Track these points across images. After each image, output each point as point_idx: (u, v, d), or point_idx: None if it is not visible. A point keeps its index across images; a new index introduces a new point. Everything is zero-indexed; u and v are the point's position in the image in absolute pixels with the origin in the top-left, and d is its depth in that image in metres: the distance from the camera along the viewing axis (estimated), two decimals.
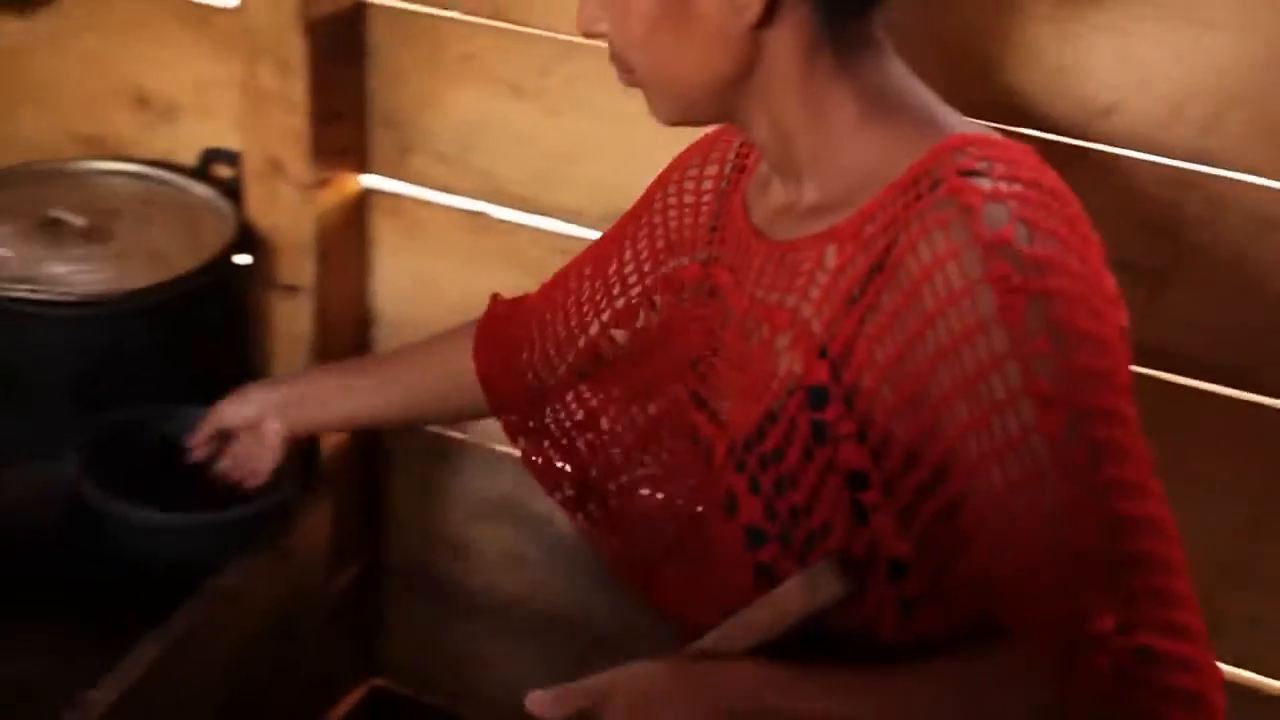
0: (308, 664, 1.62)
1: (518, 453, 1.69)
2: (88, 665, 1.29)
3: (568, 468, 1.29)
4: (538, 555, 1.74)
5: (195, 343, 1.57)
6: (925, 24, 1.31)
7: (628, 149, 1.45)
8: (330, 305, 1.65)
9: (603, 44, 1.01)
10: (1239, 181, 1.27)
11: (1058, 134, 1.30)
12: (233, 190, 1.64)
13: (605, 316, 1.22)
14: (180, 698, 1.36)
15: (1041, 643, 0.90)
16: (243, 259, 1.62)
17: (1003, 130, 1.28)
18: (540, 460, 1.31)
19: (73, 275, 1.50)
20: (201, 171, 1.68)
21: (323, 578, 1.65)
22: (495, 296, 1.35)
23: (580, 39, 1.42)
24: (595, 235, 1.54)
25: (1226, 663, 1.30)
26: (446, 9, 1.51)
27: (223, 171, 1.67)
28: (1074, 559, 0.88)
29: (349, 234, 1.65)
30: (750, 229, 1.06)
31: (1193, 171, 1.29)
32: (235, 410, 1.40)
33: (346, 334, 1.70)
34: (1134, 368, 0.95)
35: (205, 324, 1.58)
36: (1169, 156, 1.29)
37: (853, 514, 0.97)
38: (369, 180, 1.64)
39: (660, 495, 1.23)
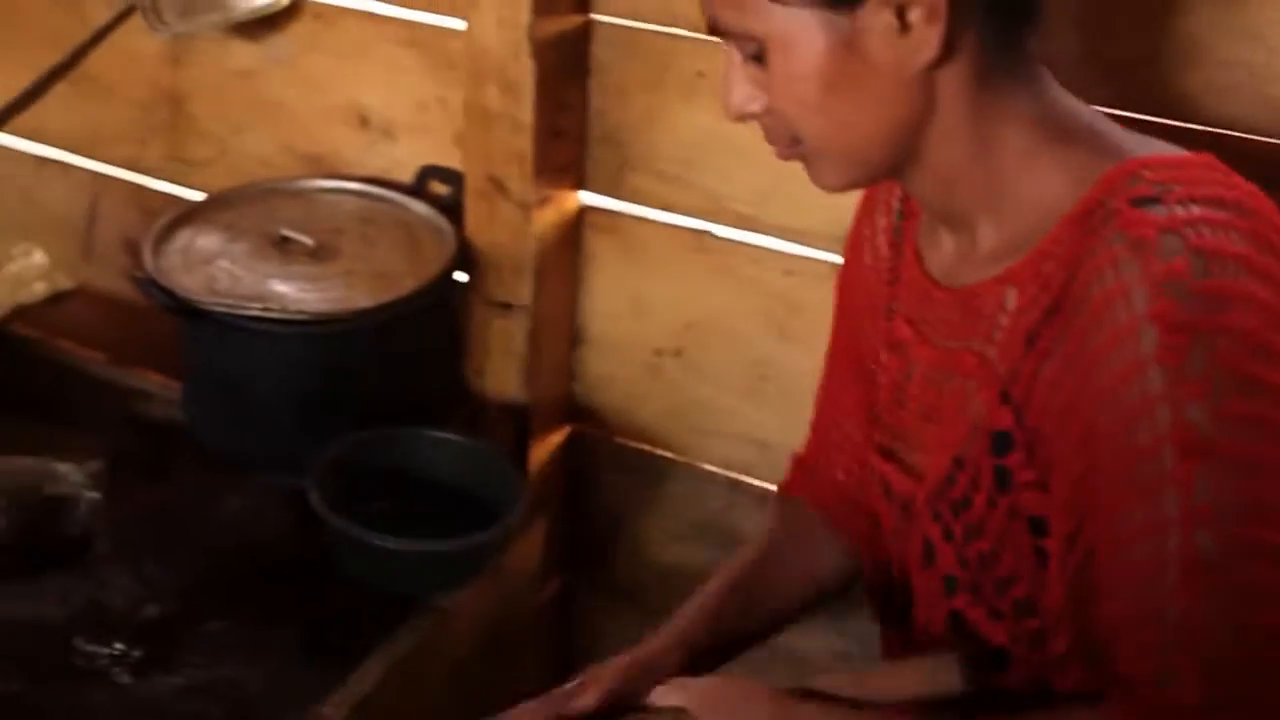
0: (513, 681, 1.63)
1: (729, 473, 1.70)
2: (309, 677, 1.33)
3: None
4: None
5: (415, 359, 1.60)
6: (1162, 28, 1.26)
7: None
8: (544, 322, 1.65)
9: None
10: None
11: None
12: (448, 207, 1.66)
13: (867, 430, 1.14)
14: (401, 716, 1.37)
15: (1118, 705, 0.86)
16: (460, 277, 1.64)
17: (1261, 144, 1.23)
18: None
19: (301, 293, 1.53)
20: (418, 189, 1.70)
21: (532, 596, 1.66)
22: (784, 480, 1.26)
23: None
24: (818, 255, 1.53)
25: None
26: (675, 27, 1.50)
27: (438, 189, 1.69)
28: (1174, 620, 0.83)
29: (565, 252, 1.65)
30: (927, 279, 1.04)
31: None
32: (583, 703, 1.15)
33: (558, 351, 1.71)
34: None
35: (425, 341, 1.60)
36: None
37: (1036, 561, 0.94)
38: (586, 198, 1.64)
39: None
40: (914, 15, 0.90)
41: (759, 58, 0.94)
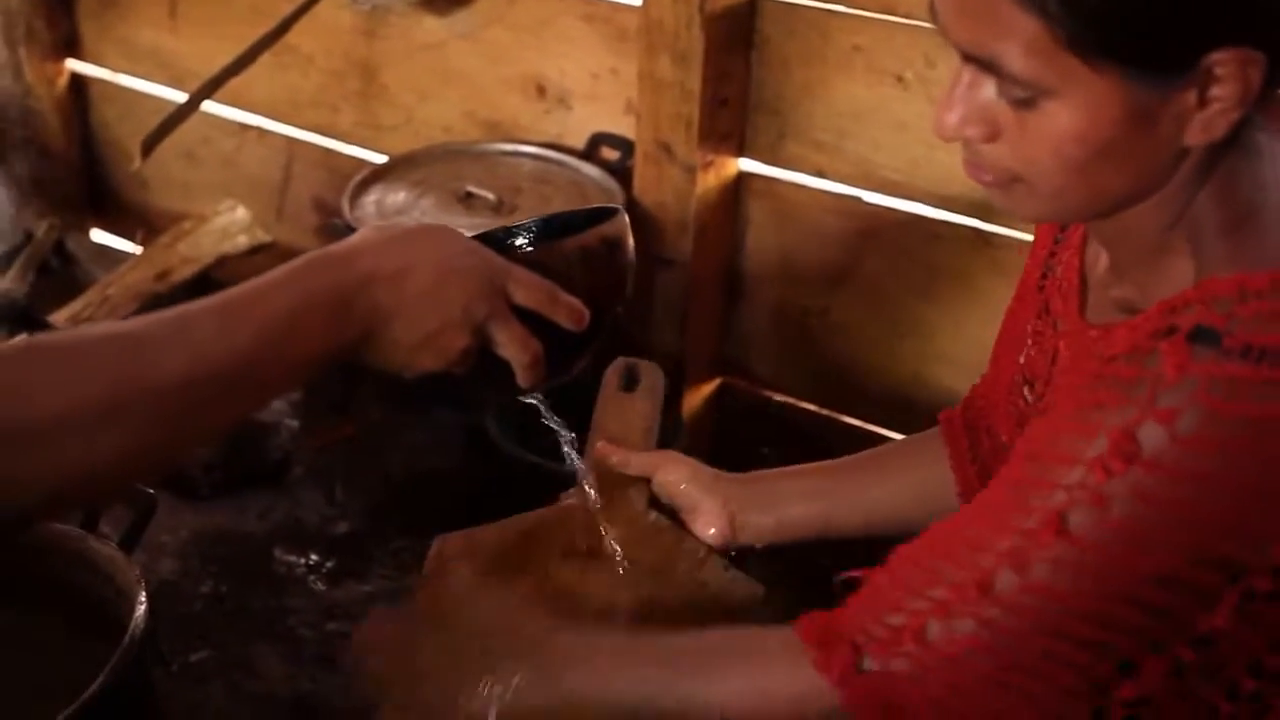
0: None
1: (869, 426, 1.78)
2: None
3: None
4: None
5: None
6: None
7: None
8: (701, 277, 1.77)
9: None
10: None
11: None
12: (616, 171, 1.78)
13: (1018, 376, 1.09)
14: None
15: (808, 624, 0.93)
16: None
17: None
18: None
19: None
20: (589, 153, 1.83)
21: None
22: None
23: None
24: (963, 220, 1.62)
25: None
26: (835, 3, 1.60)
27: (608, 154, 1.81)
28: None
29: (723, 213, 1.76)
30: (1079, 288, 1.01)
31: None
32: (674, 477, 1.20)
33: (714, 305, 1.82)
34: None
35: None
36: None
37: None
38: (745, 164, 1.75)
39: None
40: (1216, 95, 0.82)
41: (1026, 103, 0.84)
